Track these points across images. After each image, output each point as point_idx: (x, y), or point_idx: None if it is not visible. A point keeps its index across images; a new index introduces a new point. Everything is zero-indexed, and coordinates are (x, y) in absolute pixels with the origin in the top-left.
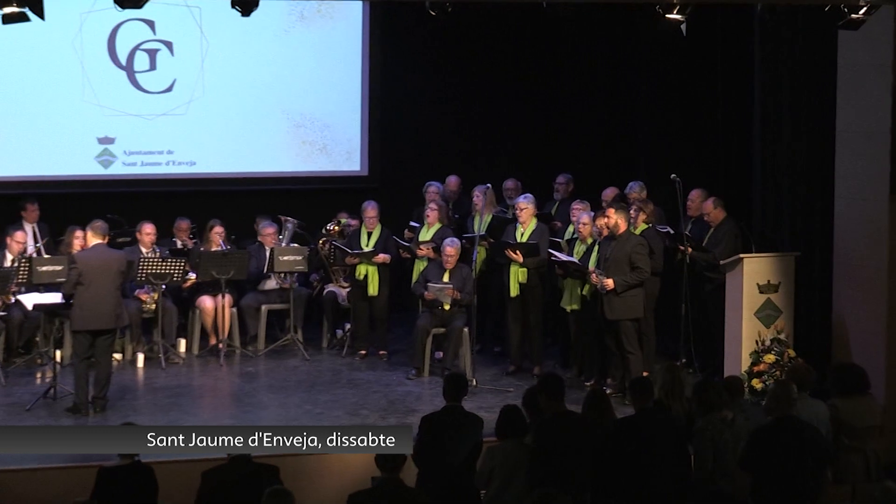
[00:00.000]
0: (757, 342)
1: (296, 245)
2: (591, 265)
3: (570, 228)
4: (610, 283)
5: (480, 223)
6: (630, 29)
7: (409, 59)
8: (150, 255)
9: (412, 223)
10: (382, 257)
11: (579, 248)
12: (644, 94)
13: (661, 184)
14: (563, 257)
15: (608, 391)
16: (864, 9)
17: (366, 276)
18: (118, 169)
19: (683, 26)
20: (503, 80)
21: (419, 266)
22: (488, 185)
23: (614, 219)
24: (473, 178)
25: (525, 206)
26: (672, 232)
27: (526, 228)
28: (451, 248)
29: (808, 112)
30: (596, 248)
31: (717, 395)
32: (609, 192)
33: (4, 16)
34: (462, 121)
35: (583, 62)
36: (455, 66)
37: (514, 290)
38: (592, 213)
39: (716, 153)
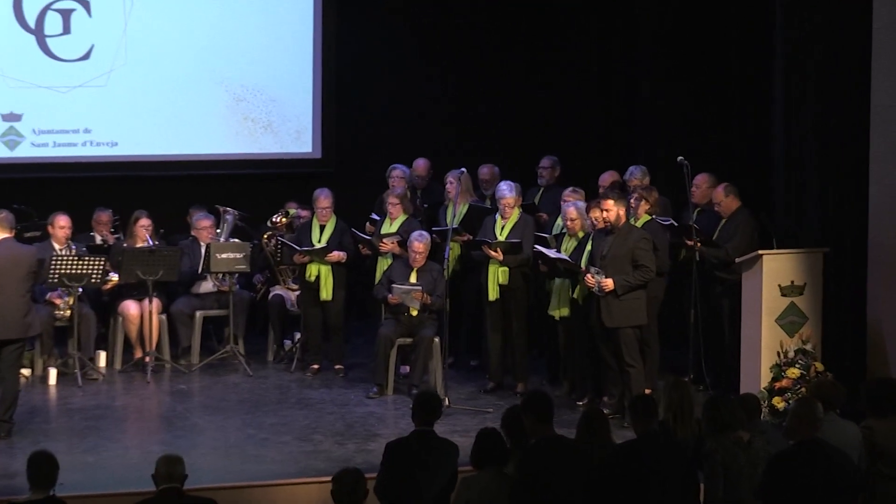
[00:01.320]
0: (779, 354)
1: (236, 241)
2: (584, 264)
3: (559, 221)
4: (609, 283)
5: (454, 214)
6: None
7: (369, 20)
8: (64, 252)
9: (373, 215)
10: (338, 255)
11: (568, 245)
12: (645, 63)
13: (665, 168)
14: (552, 254)
15: (605, 411)
16: None
17: (318, 278)
18: (26, 151)
19: None
20: (480, 47)
21: (382, 265)
22: (463, 169)
23: (615, 210)
24: (445, 161)
25: (509, 198)
26: (676, 224)
27: (507, 221)
28: (420, 243)
29: (838, 83)
30: (589, 243)
31: (730, 414)
32: (607, 178)
33: None
34: (432, 94)
35: (574, 28)
36: (424, 29)
37: (493, 294)
38: (580, 204)
39: (730, 132)
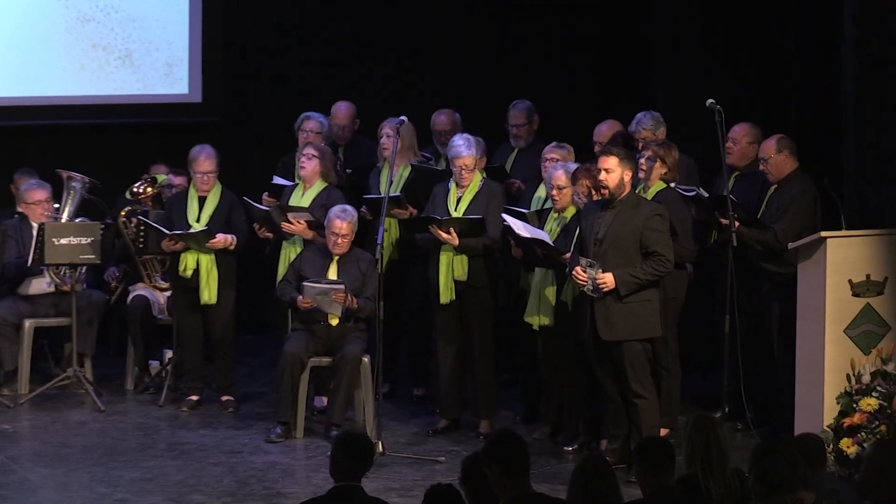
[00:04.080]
0: (849, 378)
1: (83, 220)
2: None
3: (541, 191)
4: (609, 279)
5: (390, 180)
6: None
7: None
8: None
9: (276, 179)
10: (224, 240)
11: (554, 225)
12: None
13: (688, 118)
14: (524, 230)
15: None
16: None
17: (197, 272)
18: None
19: None
20: None
21: (288, 253)
22: (403, 117)
23: (618, 172)
24: (377, 108)
25: (466, 157)
26: (706, 195)
27: (465, 191)
28: (343, 221)
29: None
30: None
31: (788, 468)
32: (606, 130)
33: None
34: (361, 13)
35: None
36: None
37: (445, 294)
38: (571, 166)
39: (780, 67)
